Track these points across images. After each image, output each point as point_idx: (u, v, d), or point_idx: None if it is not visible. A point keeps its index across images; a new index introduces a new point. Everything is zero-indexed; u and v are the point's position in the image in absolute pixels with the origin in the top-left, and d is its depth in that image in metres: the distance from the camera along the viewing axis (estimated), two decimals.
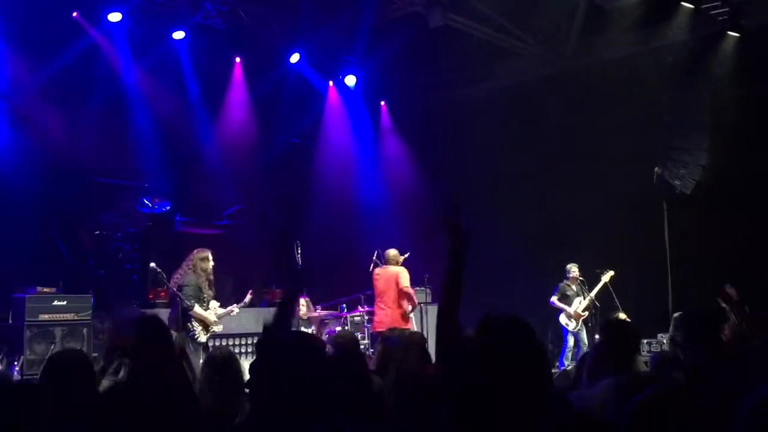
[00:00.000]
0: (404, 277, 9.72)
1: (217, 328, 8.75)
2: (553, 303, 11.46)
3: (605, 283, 11.35)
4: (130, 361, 4.20)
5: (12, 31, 9.79)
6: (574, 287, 11.61)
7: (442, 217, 3.04)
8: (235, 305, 9.01)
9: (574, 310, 11.39)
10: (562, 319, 11.48)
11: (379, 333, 8.56)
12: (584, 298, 11.43)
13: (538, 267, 12.15)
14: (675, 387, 3.63)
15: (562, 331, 11.53)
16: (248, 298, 9.13)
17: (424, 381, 4.88)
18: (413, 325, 9.81)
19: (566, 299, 11.49)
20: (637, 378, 3.20)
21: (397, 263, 9.94)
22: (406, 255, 10.04)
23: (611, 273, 11.27)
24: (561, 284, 11.64)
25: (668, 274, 11.25)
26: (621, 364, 3.74)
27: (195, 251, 8.83)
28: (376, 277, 10.07)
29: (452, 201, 3.10)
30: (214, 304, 8.75)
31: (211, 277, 8.79)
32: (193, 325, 8.46)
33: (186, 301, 8.40)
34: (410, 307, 9.75)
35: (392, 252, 9.99)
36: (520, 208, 13.20)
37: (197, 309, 8.46)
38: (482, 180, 13.72)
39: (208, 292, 8.70)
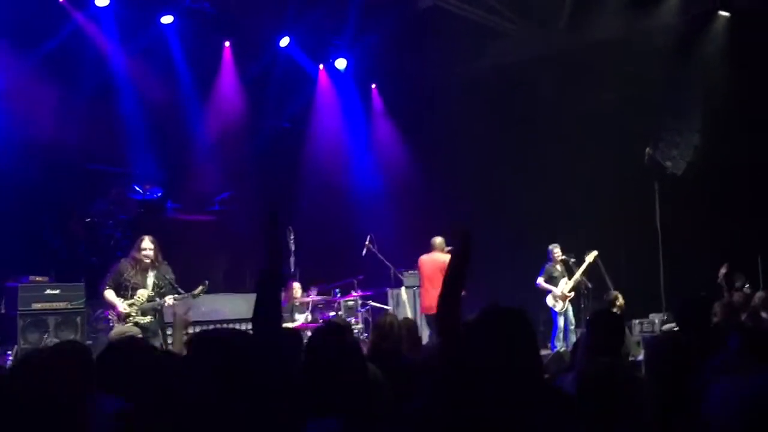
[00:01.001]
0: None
1: (141, 319, 7.75)
2: (539, 284, 11.44)
3: (590, 263, 11.36)
4: None
5: None
6: (558, 268, 11.60)
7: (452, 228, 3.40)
8: (170, 296, 8.02)
9: (560, 291, 11.41)
10: (549, 300, 11.48)
11: (429, 317, 9.67)
12: (569, 279, 11.44)
13: (531, 248, 12.16)
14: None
15: (552, 314, 11.57)
16: (200, 288, 8.17)
17: (415, 364, 4.93)
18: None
19: (553, 280, 11.47)
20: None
21: (442, 250, 10.18)
22: (449, 248, 10.18)
23: (595, 253, 11.26)
24: (547, 266, 11.61)
25: (660, 255, 11.29)
26: (607, 354, 3.85)
27: None
28: (422, 263, 10.39)
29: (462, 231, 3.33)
30: (142, 292, 7.84)
31: (149, 261, 7.90)
32: (109, 314, 7.93)
33: (102, 285, 7.83)
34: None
35: (438, 240, 10.30)
36: (512, 188, 13.20)
37: (106, 293, 7.73)
38: (473, 161, 13.72)
39: (136, 279, 7.82)
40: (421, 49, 13.67)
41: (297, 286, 10.11)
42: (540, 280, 11.41)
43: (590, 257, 11.31)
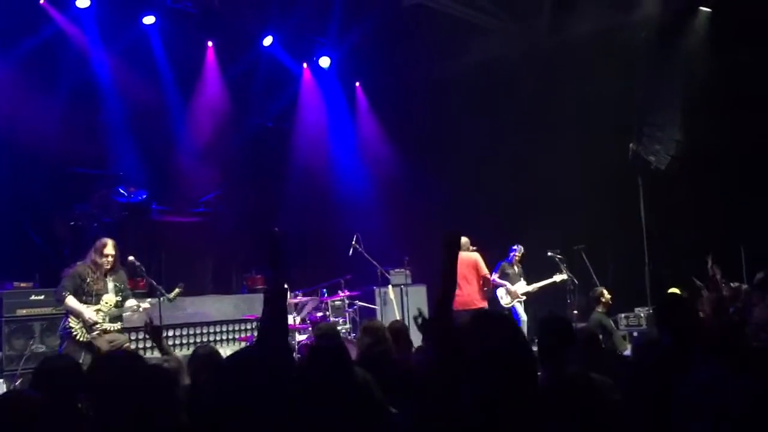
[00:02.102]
0: (483, 264, 10.59)
1: (110, 326, 7.48)
2: (494, 280, 11.53)
3: (553, 282, 11.59)
4: None
5: None
6: (516, 269, 11.82)
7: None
8: (148, 300, 7.93)
9: (514, 289, 11.59)
10: (499, 292, 11.65)
11: (458, 311, 9.46)
12: (527, 285, 11.65)
13: (513, 242, 12.19)
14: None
15: (511, 309, 11.68)
16: (175, 291, 7.98)
17: (406, 367, 4.94)
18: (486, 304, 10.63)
19: (505, 277, 11.69)
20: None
21: (468, 250, 10.48)
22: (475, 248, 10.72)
23: (564, 277, 11.44)
24: (503, 263, 11.81)
25: (645, 249, 11.34)
26: (550, 358, 3.95)
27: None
28: None
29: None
30: (109, 297, 7.57)
31: (109, 266, 7.59)
32: (69, 322, 7.32)
33: (57, 292, 7.43)
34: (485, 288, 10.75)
35: (464, 239, 10.45)
36: (496, 184, 13.23)
37: (68, 300, 7.30)
38: (458, 157, 13.74)
39: (99, 284, 7.51)
40: (405, 47, 13.67)
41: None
42: (494, 276, 11.53)
43: (557, 278, 11.51)
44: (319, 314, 10.06)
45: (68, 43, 10.55)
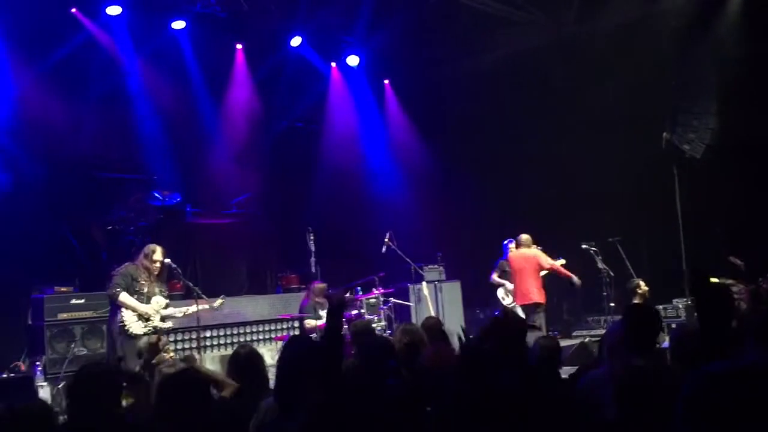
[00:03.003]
0: (544, 258, 10.67)
1: (162, 324, 7.81)
2: (493, 280, 11.44)
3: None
4: None
5: (10, 30, 9.74)
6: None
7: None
8: (199, 304, 8.15)
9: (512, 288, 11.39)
10: (500, 292, 11.49)
11: (523, 305, 10.41)
12: None
13: (547, 236, 12.10)
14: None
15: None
16: (219, 301, 8.43)
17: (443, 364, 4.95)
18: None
19: (505, 275, 11.46)
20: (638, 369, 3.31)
21: (529, 246, 10.72)
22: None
23: (563, 261, 11.26)
24: (501, 261, 11.58)
25: (681, 239, 11.18)
26: (643, 348, 3.83)
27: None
28: (511, 259, 10.96)
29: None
30: (159, 300, 7.85)
31: (156, 273, 7.94)
32: (123, 316, 7.61)
33: (111, 288, 7.70)
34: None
35: (525, 236, 10.80)
36: (529, 178, 13.17)
37: (122, 297, 7.59)
38: (488, 152, 13.69)
39: (149, 287, 7.82)
40: (433, 43, 13.64)
41: (323, 287, 10.09)
42: (494, 276, 11.42)
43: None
44: (354, 312, 10.09)
45: (99, 50, 10.69)
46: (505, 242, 11.57)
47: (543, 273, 10.71)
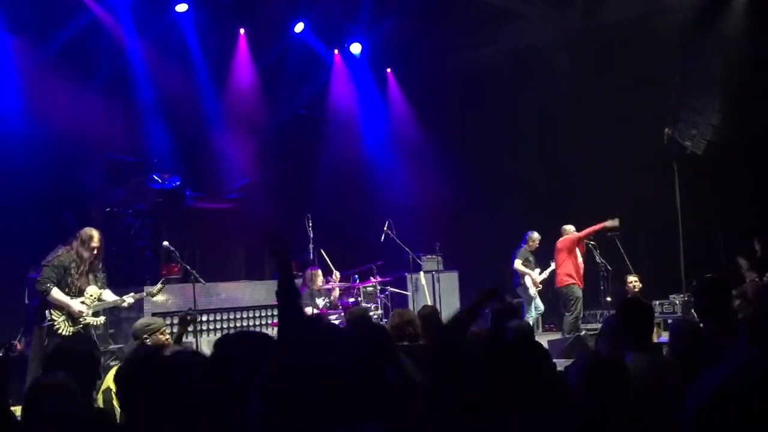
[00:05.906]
0: (567, 235, 11.02)
1: (94, 320, 7.23)
2: (517, 268, 11.25)
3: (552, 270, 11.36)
4: None
5: (15, 13, 9.73)
6: (532, 255, 11.53)
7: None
8: (131, 294, 7.54)
9: (536, 277, 11.35)
10: (528, 281, 11.34)
11: (557, 288, 10.92)
12: (540, 270, 11.43)
13: (548, 229, 12.11)
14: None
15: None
16: (158, 287, 7.83)
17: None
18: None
19: (528, 264, 11.40)
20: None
21: (564, 234, 11.01)
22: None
23: (544, 276, 11.34)
24: (521, 248, 11.49)
25: (680, 235, 11.18)
26: (639, 341, 3.86)
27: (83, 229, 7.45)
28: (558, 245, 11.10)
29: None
30: (92, 289, 7.26)
31: (93, 260, 7.30)
32: (51, 314, 6.98)
33: (41, 283, 7.03)
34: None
35: (567, 226, 11.10)
36: (529, 171, 13.16)
37: (54, 293, 6.96)
38: (490, 144, 13.68)
39: (81, 279, 7.18)
40: (437, 33, 13.60)
41: (318, 273, 10.09)
42: (518, 263, 11.29)
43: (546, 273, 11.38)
44: (351, 300, 10.10)
45: (103, 33, 10.69)
46: (529, 233, 11.51)
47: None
